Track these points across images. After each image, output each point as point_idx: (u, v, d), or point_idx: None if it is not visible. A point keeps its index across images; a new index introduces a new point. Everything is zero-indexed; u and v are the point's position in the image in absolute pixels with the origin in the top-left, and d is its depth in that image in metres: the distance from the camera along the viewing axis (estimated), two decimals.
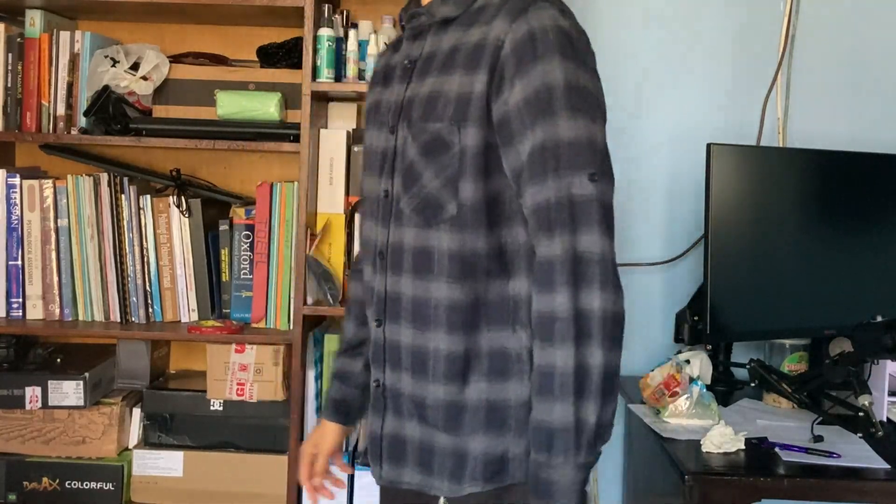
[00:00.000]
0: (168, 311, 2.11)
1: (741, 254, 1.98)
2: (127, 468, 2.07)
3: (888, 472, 1.64)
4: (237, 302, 2.12)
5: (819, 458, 1.68)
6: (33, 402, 2.05)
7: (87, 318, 2.09)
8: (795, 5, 2.25)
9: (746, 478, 1.62)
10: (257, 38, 2.19)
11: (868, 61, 2.28)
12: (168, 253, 2.10)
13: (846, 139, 2.25)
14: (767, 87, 2.26)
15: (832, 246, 2.08)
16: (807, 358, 2.08)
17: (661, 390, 1.87)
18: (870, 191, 2.09)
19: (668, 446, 1.74)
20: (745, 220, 1.98)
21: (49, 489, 2.05)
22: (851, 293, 2.07)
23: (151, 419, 2.09)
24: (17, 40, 2.09)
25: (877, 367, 1.85)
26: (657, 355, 2.19)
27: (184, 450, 2.07)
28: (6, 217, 2.08)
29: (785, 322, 2.03)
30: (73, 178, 2.08)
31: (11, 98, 2.09)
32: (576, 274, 1.13)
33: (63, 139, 2.09)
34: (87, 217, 2.07)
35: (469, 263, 1.22)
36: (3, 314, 2.09)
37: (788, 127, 2.28)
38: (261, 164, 2.29)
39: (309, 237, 2.02)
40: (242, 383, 2.05)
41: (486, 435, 1.24)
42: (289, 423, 2.02)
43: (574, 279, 1.13)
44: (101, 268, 2.08)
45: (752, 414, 1.94)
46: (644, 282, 2.29)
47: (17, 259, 2.09)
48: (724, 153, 1.95)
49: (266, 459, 2.06)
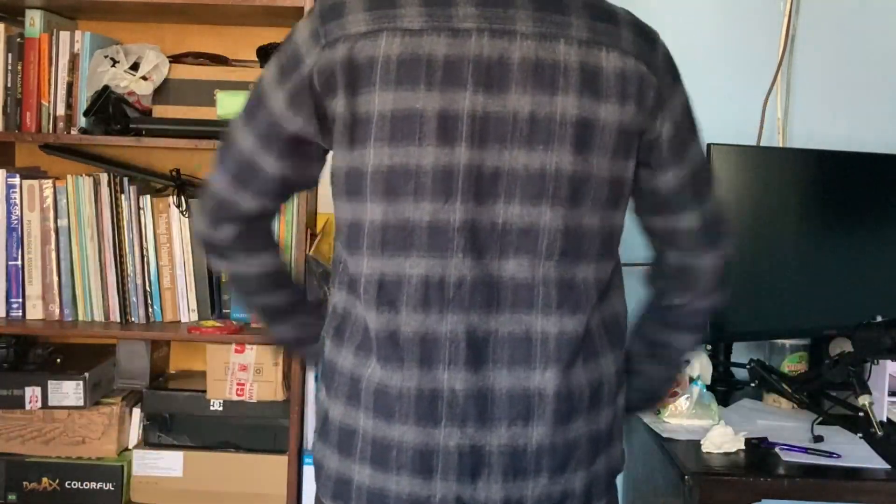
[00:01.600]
0: (168, 311, 2.11)
1: (741, 254, 1.97)
2: (127, 468, 2.07)
3: (888, 472, 1.65)
4: (237, 302, 2.12)
5: (819, 458, 1.68)
6: (33, 403, 2.05)
7: (87, 318, 2.09)
8: (795, 5, 2.25)
9: (746, 478, 1.62)
10: (257, 38, 2.19)
11: (868, 61, 2.27)
12: (168, 253, 2.10)
13: (846, 139, 2.25)
14: (767, 87, 2.25)
15: (832, 246, 2.08)
16: (807, 358, 2.08)
17: None
18: (870, 191, 2.09)
19: (668, 446, 1.74)
20: (745, 220, 1.98)
21: (49, 489, 2.05)
22: (851, 293, 2.07)
23: (151, 419, 2.09)
24: (17, 40, 2.09)
25: (877, 367, 1.85)
26: None
27: (184, 450, 2.07)
28: (6, 217, 2.08)
29: (785, 322, 2.03)
30: (72, 178, 2.08)
31: (11, 98, 2.09)
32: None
33: (63, 139, 2.09)
34: (87, 217, 2.07)
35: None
36: (3, 314, 2.09)
37: (788, 127, 2.27)
38: None
39: (309, 237, 2.02)
40: (242, 383, 2.05)
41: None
42: (289, 423, 2.02)
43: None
44: (101, 268, 2.08)
45: (752, 414, 1.94)
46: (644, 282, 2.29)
47: (17, 259, 2.08)
48: (724, 153, 1.95)
49: (266, 459, 2.06)
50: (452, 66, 1.09)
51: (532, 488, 1.14)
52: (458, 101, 1.09)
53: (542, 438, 1.14)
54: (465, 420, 1.12)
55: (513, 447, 1.13)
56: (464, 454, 1.12)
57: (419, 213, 1.10)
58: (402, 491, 1.13)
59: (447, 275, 1.11)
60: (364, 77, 1.10)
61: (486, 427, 1.13)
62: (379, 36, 1.09)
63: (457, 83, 1.09)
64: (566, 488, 1.16)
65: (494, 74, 1.10)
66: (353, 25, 1.11)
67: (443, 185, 1.10)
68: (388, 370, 1.13)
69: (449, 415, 1.12)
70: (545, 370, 1.13)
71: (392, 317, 1.12)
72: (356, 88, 1.11)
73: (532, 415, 1.13)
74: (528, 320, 1.13)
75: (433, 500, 1.13)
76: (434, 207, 1.10)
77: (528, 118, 1.10)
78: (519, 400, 1.13)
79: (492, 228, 1.11)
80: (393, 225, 1.11)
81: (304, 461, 2.02)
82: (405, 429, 1.12)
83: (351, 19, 1.12)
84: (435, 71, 1.09)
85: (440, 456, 1.12)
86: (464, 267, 1.11)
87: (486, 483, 1.13)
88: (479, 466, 1.13)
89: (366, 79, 1.10)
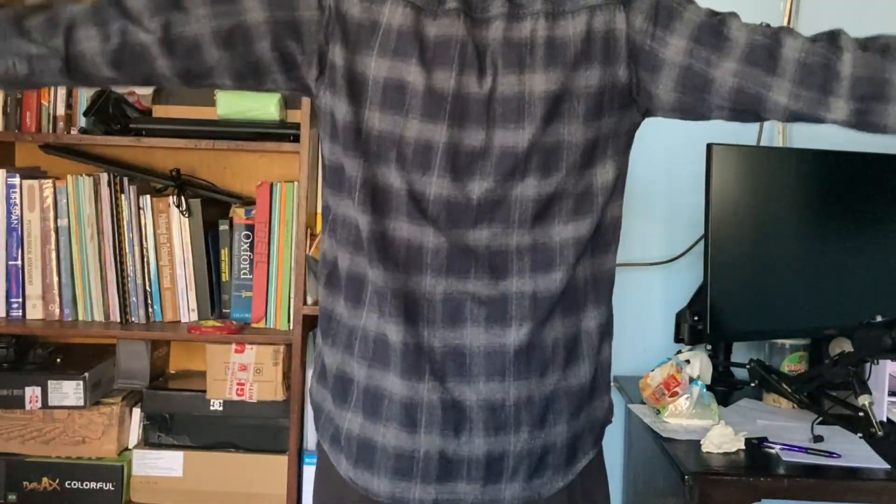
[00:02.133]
0: (168, 311, 2.11)
1: (741, 254, 1.98)
2: (127, 468, 2.07)
3: (888, 472, 1.64)
4: (237, 302, 2.12)
5: (819, 458, 1.68)
6: (33, 402, 2.05)
7: (87, 318, 2.09)
8: (795, 5, 2.25)
9: (746, 478, 1.62)
10: None
11: None
12: (168, 253, 2.10)
13: (846, 139, 2.23)
14: None
15: (832, 246, 2.08)
16: (807, 358, 2.08)
17: (661, 390, 1.87)
18: (870, 191, 2.09)
19: (668, 446, 1.73)
20: (745, 220, 1.98)
21: (49, 489, 2.05)
22: (851, 293, 2.07)
23: (151, 419, 2.09)
24: None
25: (877, 367, 1.85)
26: (657, 355, 2.18)
27: (184, 450, 2.07)
28: (6, 217, 2.08)
29: (785, 322, 2.03)
30: (73, 178, 2.08)
31: (11, 98, 2.09)
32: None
33: (63, 139, 2.09)
34: (87, 217, 2.07)
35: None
36: (3, 314, 2.09)
37: (788, 127, 2.27)
38: (261, 164, 2.29)
39: (309, 237, 2.02)
40: (242, 383, 2.05)
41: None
42: (289, 423, 2.02)
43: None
44: (101, 268, 2.08)
45: (752, 414, 1.94)
46: (644, 282, 2.29)
47: (17, 259, 2.09)
48: (724, 153, 1.95)
49: (266, 459, 2.06)
50: (440, 46, 1.13)
51: (514, 443, 1.18)
52: (444, 80, 1.13)
53: (518, 392, 1.17)
54: (444, 375, 1.16)
55: (491, 402, 1.17)
56: (446, 408, 1.16)
57: (399, 181, 1.15)
58: (388, 443, 1.17)
59: (425, 241, 1.16)
60: (364, 38, 1.14)
61: (464, 382, 1.16)
62: (386, 3, 1.14)
63: (444, 64, 1.13)
64: (546, 442, 1.19)
65: (473, 58, 1.14)
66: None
67: (423, 157, 1.14)
68: (380, 321, 1.17)
69: (430, 370, 1.16)
70: (520, 327, 1.16)
71: (380, 272, 1.16)
72: (359, 48, 1.14)
73: (508, 370, 1.17)
74: (504, 284, 1.16)
75: (417, 454, 1.17)
76: (412, 178, 1.15)
77: (501, 98, 1.14)
78: (495, 356, 1.16)
79: (466, 203, 1.15)
80: (374, 186, 1.16)
81: (304, 461, 2.02)
82: (396, 381, 1.17)
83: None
84: (427, 48, 1.13)
85: (423, 409, 1.16)
86: (441, 234, 1.15)
87: (468, 437, 1.17)
88: (461, 421, 1.17)
89: (366, 41, 1.14)
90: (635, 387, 1.98)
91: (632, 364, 2.21)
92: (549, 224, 1.17)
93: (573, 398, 1.21)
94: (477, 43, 1.14)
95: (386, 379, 1.17)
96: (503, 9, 1.15)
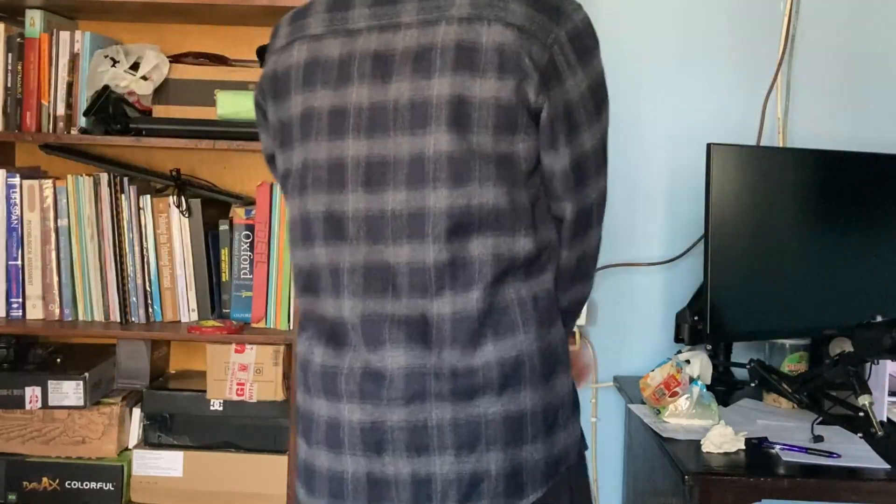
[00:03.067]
0: (168, 311, 2.11)
1: (741, 254, 1.98)
2: (127, 468, 2.07)
3: (888, 472, 1.65)
4: (237, 302, 2.12)
5: (819, 458, 1.68)
6: (33, 402, 2.05)
7: (87, 318, 2.09)
8: (795, 5, 2.25)
9: (746, 478, 1.62)
10: (257, 38, 2.19)
11: (868, 61, 2.28)
12: (168, 253, 2.10)
13: (846, 139, 2.25)
14: (767, 87, 2.25)
15: (832, 246, 2.08)
16: (807, 358, 2.08)
17: (661, 390, 1.87)
18: (870, 191, 2.09)
19: (668, 446, 1.74)
20: (745, 220, 1.98)
21: (49, 489, 2.05)
22: (851, 293, 2.07)
23: (151, 419, 2.09)
24: (17, 40, 2.09)
25: (877, 367, 1.85)
26: (657, 355, 2.19)
27: (184, 450, 2.07)
28: (6, 217, 2.08)
29: (785, 322, 2.03)
30: (73, 178, 2.08)
31: (11, 98, 2.09)
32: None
33: (63, 139, 2.09)
34: (87, 217, 2.07)
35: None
36: (3, 314, 2.09)
37: (788, 127, 2.28)
38: (261, 164, 2.29)
39: None
40: (242, 383, 2.05)
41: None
42: (289, 423, 2.02)
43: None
44: (101, 268, 2.08)
45: (752, 414, 1.94)
46: (644, 282, 2.29)
47: (17, 259, 2.09)
48: (724, 153, 1.95)
49: (266, 459, 2.06)
50: (344, 64, 1.15)
51: (440, 465, 1.14)
52: (346, 95, 1.15)
53: (441, 414, 1.14)
54: (363, 396, 1.16)
55: (412, 423, 1.14)
56: (365, 429, 1.15)
57: (317, 205, 1.17)
58: (322, 466, 1.19)
59: (341, 261, 1.16)
60: (284, 86, 1.20)
61: (382, 404, 1.15)
62: (292, 46, 1.20)
63: (346, 80, 1.15)
64: (477, 469, 1.14)
65: (379, 67, 1.14)
66: (277, 41, 1.24)
67: (336, 176, 1.15)
68: (308, 345, 1.22)
69: (347, 391, 1.16)
70: (441, 350, 1.13)
71: (313, 300, 1.21)
72: (283, 97, 1.21)
73: (428, 392, 1.14)
74: (423, 303, 1.13)
75: (346, 475, 1.17)
76: (329, 199, 1.16)
77: (409, 104, 1.12)
78: (415, 378, 1.14)
79: (381, 216, 1.13)
80: (301, 219, 1.19)
81: None
82: (320, 402, 1.19)
83: (280, 34, 1.25)
84: (330, 70, 1.16)
85: (345, 430, 1.17)
86: (358, 254, 1.15)
87: (392, 458, 1.15)
88: (382, 442, 1.15)
89: (285, 87, 1.20)
90: (635, 387, 1.98)
91: (632, 364, 2.21)
92: (467, 239, 1.12)
93: (512, 426, 1.14)
94: (385, 52, 1.13)
95: (314, 402, 1.20)
96: (415, 15, 1.13)
